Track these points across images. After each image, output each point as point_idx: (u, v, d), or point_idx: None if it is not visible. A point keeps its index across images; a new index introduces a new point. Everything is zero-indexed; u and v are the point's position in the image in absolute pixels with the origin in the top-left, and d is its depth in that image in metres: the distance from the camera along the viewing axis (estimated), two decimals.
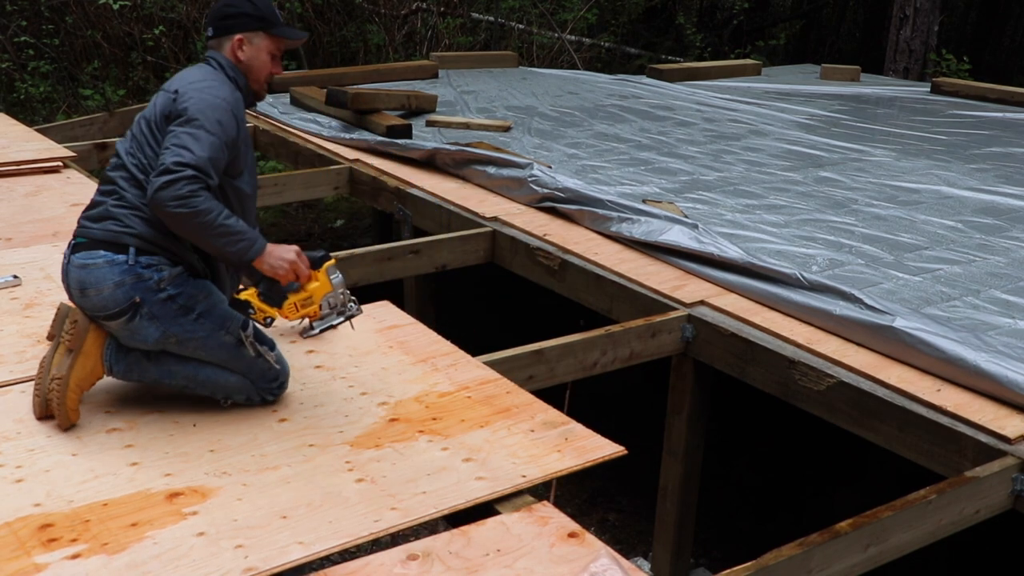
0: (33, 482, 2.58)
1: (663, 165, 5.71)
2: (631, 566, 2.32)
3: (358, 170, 5.50)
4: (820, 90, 8.64)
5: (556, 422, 2.97)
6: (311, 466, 2.70)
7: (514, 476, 2.66)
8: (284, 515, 2.47)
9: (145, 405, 2.98)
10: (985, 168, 5.92)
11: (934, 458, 3.08)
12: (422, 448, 2.80)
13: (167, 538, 2.36)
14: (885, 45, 12.24)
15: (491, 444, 2.83)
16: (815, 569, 2.51)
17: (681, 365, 3.87)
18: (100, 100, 8.89)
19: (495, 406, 3.05)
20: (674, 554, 4.07)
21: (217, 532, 2.39)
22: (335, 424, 2.92)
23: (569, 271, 4.25)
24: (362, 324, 3.48)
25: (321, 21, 10.76)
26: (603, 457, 2.81)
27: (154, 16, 9.80)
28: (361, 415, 2.98)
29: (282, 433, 2.87)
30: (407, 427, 2.91)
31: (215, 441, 2.81)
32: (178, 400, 2.97)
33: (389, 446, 2.81)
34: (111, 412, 2.94)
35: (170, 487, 2.58)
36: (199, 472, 2.65)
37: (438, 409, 3.02)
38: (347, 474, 2.66)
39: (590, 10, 12.67)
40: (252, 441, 2.82)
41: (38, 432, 2.81)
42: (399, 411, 3.01)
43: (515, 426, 2.93)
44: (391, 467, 2.70)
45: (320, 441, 2.83)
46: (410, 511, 2.50)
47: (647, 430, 4.30)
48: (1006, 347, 3.30)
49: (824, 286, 3.65)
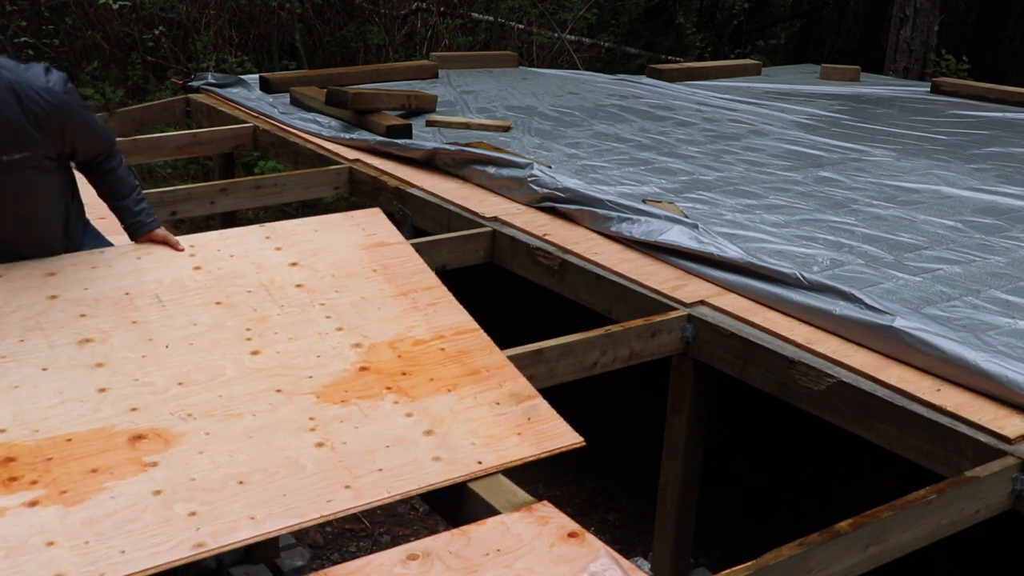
0: (1, 399, 2.56)
1: (663, 165, 5.71)
2: (631, 566, 2.32)
3: (358, 170, 5.50)
4: (820, 90, 8.64)
5: (523, 395, 2.96)
6: (275, 419, 2.69)
7: (470, 461, 2.66)
8: (241, 480, 2.47)
9: (122, 310, 2.94)
10: (985, 168, 5.92)
11: (934, 458, 3.08)
12: (387, 411, 2.79)
13: (125, 493, 2.36)
14: (885, 45, 12.24)
15: (455, 415, 2.83)
16: (815, 569, 2.50)
17: (681, 365, 3.87)
18: (100, 100, 8.89)
19: (466, 365, 3.04)
20: (674, 554, 4.07)
21: (174, 491, 2.39)
22: (306, 365, 2.90)
23: (569, 271, 4.25)
24: (350, 236, 3.45)
25: (321, 21, 10.76)
26: (560, 448, 2.80)
27: (154, 16, 9.80)
28: (333, 357, 2.96)
29: (252, 370, 2.85)
30: (376, 380, 2.90)
31: (185, 372, 2.79)
32: (154, 309, 2.95)
33: (355, 403, 2.80)
34: (86, 315, 2.92)
35: (135, 426, 2.57)
36: (164, 411, 2.64)
37: (410, 360, 3.01)
38: (309, 435, 2.65)
39: (590, 10, 12.67)
40: (221, 376, 2.80)
41: (9, 334, 2.79)
42: (371, 357, 2.99)
43: (482, 395, 2.92)
44: (353, 431, 2.69)
45: (288, 387, 2.81)
46: (363, 492, 2.50)
47: (647, 430, 4.30)
48: (1006, 347, 3.30)
49: (824, 286, 3.65)
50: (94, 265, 3.26)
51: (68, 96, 3.02)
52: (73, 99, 3.05)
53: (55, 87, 2.97)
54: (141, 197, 3.39)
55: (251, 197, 5.40)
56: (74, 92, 3.07)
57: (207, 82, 7.30)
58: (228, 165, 7.23)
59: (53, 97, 2.95)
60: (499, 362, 3.09)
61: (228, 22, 10.14)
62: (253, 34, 10.42)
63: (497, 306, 6.73)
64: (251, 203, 5.50)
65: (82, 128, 3.10)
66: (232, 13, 10.25)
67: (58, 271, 3.18)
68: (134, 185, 3.36)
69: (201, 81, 7.36)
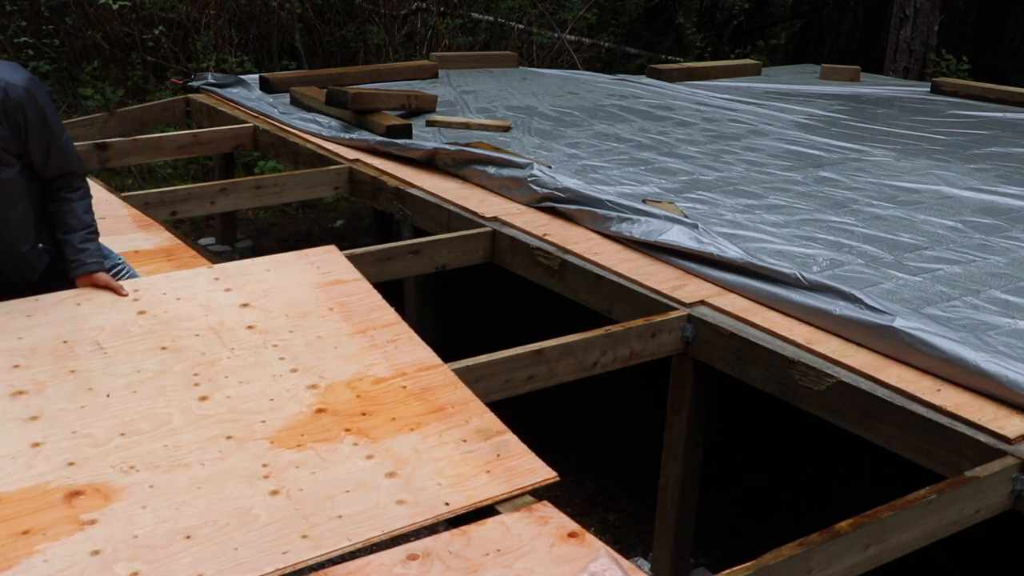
0: None
1: (663, 165, 5.71)
2: (631, 566, 2.32)
3: (358, 170, 5.50)
4: (820, 90, 8.64)
5: (491, 431, 2.81)
6: (225, 467, 2.54)
7: (437, 503, 2.52)
8: (188, 535, 2.32)
9: (60, 359, 2.81)
10: (985, 168, 5.92)
11: (934, 458, 3.08)
12: (346, 453, 2.65)
13: (59, 555, 2.21)
14: (885, 45, 12.24)
15: (419, 455, 2.68)
16: (815, 569, 2.50)
17: (681, 365, 3.87)
18: (100, 100, 8.89)
19: (430, 402, 2.90)
20: (674, 554, 4.07)
21: (114, 551, 2.24)
22: (258, 409, 2.76)
23: (569, 271, 4.25)
24: (304, 275, 3.34)
25: (321, 21, 10.76)
26: (533, 484, 2.64)
27: (154, 16, 9.80)
28: (287, 400, 2.82)
29: (200, 417, 2.71)
30: (334, 422, 2.76)
31: (127, 422, 2.65)
32: (95, 357, 2.82)
33: (311, 447, 2.65)
34: (20, 366, 2.78)
35: (71, 482, 2.43)
36: (104, 464, 2.50)
37: (370, 400, 2.87)
38: (262, 482, 2.51)
39: (590, 10, 12.67)
40: (167, 424, 2.66)
41: None
42: (328, 399, 2.85)
43: (447, 432, 2.78)
44: (310, 477, 2.55)
45: (239, 433, 2.67)
46: (321, 542, 2.35)
47: (647, 430, 4.30)
48: (1006, 347, 3.30)
49: (824, 286, 3.65)
50: (29, 313, 3.10)
51: (31, 89, 2.95)
52: (36, 95, 2.97)
53: (18, 80, 2.92)
54: (90, 237, 3.26)
55: (251, 197, 5.40)
56: (41, 91, 3.00)
57: (207, 82, 7.31)
58: (228, 165, 7.24)
59: (12, 89, 2.91)
60: (464, 398, 2.94)
61: (228, 22, 10.14)
62: (253, 34, 10.43)
63: (497, 306, 6.73)
64: (251, 203, 5.50)
65: (36, 128, 2.99)
66: (232, 13, 10.25)
67: None
68: (87, 223, 3.24)
69: (201, 81, 7.37)
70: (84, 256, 3.24)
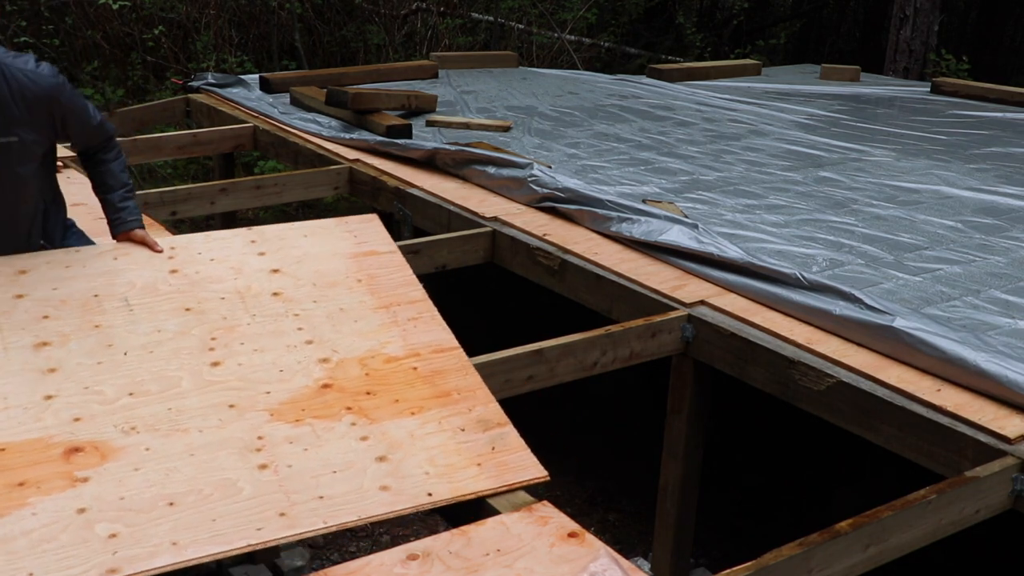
0: None
1: (663, 165, 5.71)
2: (631, 566, 2.32)
3: (358, 170, 5.50)
4: (820, 90, 8.64)
5: (491, 422, 2.80)
6: (222, 435, 2.58)
7: (419, 493, 2.52)
8: (172, 501, 2.37)
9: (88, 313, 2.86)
10: (985, 168, 5.92)
11: (934, 458, 3.08)
12: (341, 433, 2.67)
13: (47, 510, 2.27)
14: (885, 45, 12.25)
15: (413, 441, 2.68)
16: (815, 569, 2.51)
17: (681, 365, 3.87)
18: (100, 100, 8.89)
19: (437, 386, 2.90)
20: (674, 554, 4.07)
21: (99, 510, 2.29)
22: (267, 379, 2.79)
23: (569, 271, 4.25)
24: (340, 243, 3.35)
25: (321, 21, 10.76)
26: (522, 482, 2.63)
27: (154, 16, 9.80)
28: (296, 372, 2.84)
29: (209, 383, 2.74)
30: (337, 399, 2.78)
31: (138, 382, 2.69)
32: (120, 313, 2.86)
33: (309, 423, 2.68)
34: (49, 317, 2.82)
35: (73, 438, 2.48)
36: (108, 423, 2.54)
37: (378, 379, 2.88)
38: (253, 455, 2.55)
39: (590, 10, 12.67)
40: (175, 387, 2.70)
41: None
42: (336, 374, 2.86)
43: (447, 419, 2.78)
44: (301, 454, 2.57)
45: (242, 402, 2.69)
46: (297, 521, 2.37)
47: (647, 430, 4.30)
48: (1006, 347, 3.30)
49: (824, 286, 3.65)
50: (68, 264, 3.15)
51: (56, 80, 3.02)
52: (63, 84, 3.05)
53: (44, 71, 2.98)
54: (129, 196, 3.35)
55: (251, 197, 5.40)
56: (64, 79, 3.07)
57: (207, 82, 7.30)
58: (228, 165, 7.23)
59: (41, 79, 2.95)
60: (473, 384, 2.93)
61: (228, 22, 10.14)
62: (253, 34, 10.43)
63: (497, 306, 6.73)
64: (251, 203, 5.50)
65: (73, 112, 3.09)
66: (232, 13, 10.25)
67: (30, 268, 3.09)
68: (124, 182, 3.35)
69: (201, 81, 7.37)
70: (124, 214, 3.33)
